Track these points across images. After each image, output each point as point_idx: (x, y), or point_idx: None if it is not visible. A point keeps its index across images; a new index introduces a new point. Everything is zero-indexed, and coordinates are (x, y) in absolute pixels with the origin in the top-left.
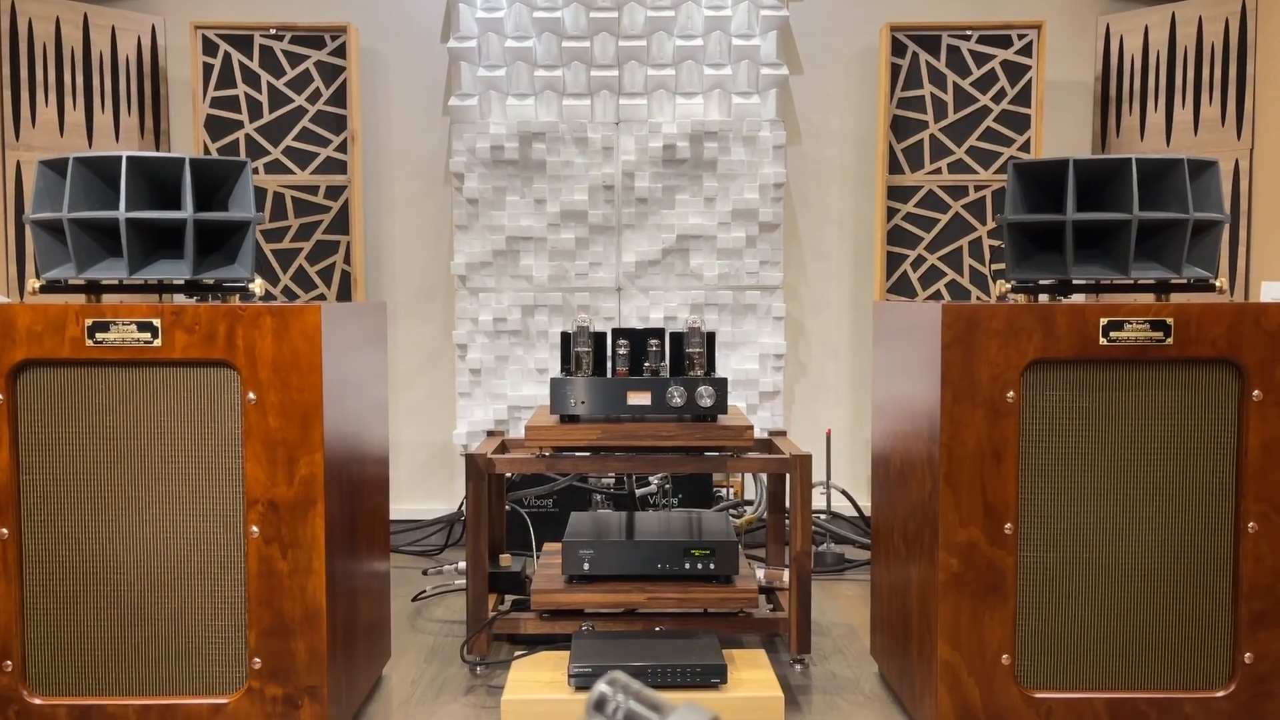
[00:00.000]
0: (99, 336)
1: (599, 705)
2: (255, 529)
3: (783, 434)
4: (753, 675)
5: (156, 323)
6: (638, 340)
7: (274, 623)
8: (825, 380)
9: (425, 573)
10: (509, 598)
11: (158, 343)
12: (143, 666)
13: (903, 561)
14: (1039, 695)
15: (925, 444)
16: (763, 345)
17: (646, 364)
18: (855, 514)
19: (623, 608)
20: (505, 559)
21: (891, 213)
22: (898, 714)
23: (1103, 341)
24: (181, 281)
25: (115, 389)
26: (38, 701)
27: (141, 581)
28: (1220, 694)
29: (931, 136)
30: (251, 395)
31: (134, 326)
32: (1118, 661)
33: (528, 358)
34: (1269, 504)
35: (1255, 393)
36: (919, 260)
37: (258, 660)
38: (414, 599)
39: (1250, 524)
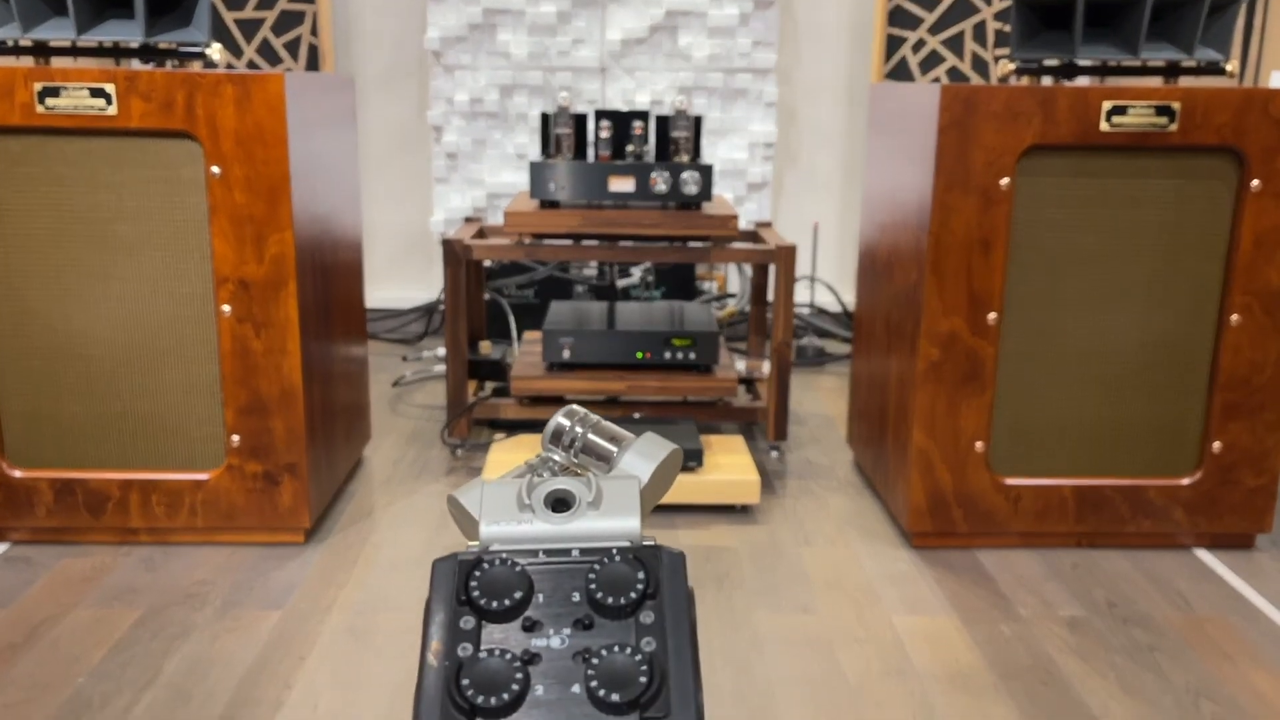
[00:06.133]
0: (50, 102)
1: (555, 437)
2: (227, 308)
3: (769, 225)
4: (730, 459)
5: (110, 88)
6: (621, 123)
7: (250, 401)
8: (816, 171)
9: (405, 359)
10: (489, 384)
11: (113, 110)
12: (123, 441)
13: (883, 352)
14: (1009, 482)
15: (914, 233)
16: (752, 133)
17: (630, 148)
18: (839, 310)
19: (603, 395)
20: (485, 346)
21: None
22: (870, 498)
23: (1104, 126)
24: (135, 45)
25: (71, 159)
26: (18, 474)
27: (114, 357)
28: (1185, 481)
29: None
30: (215, 169)
31: (86, 92)
32: (1089, 450)
33: (506, 142)
34: (1254, 297)
35: (1254, 182)
36: (919, 44)
37: (236, 437)
38: (394, 384)
39: (1234, 316)
